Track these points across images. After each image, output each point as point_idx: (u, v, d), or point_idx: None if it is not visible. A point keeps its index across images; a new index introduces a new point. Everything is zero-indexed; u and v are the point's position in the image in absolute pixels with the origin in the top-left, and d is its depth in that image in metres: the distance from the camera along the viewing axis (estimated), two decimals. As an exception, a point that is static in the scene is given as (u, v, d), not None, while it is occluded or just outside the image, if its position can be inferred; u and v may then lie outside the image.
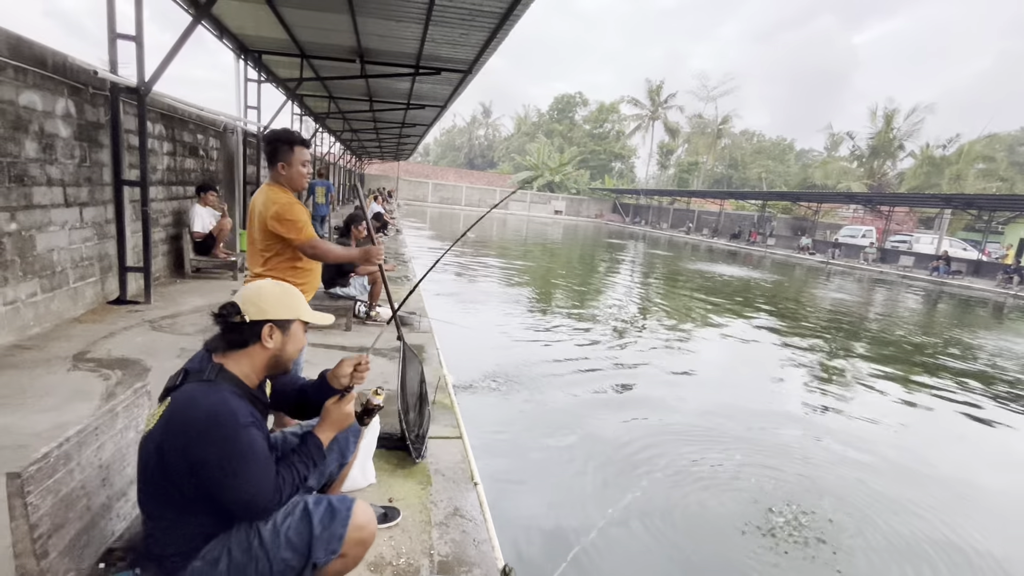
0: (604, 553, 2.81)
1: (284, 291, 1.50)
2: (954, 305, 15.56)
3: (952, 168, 34.16)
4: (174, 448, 1.27)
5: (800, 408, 5.37)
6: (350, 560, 1.45)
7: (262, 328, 1.41)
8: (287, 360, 1.49)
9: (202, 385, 1.34)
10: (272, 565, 1.36)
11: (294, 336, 1.49)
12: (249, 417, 1.34)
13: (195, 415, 1.28)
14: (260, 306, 1.43)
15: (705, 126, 54.61)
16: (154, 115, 5.92)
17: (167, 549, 1.35)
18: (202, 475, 1.28)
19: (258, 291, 1.46)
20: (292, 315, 1.47)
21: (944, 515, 3.50)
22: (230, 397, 1.33)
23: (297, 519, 1.40)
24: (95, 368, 3.49)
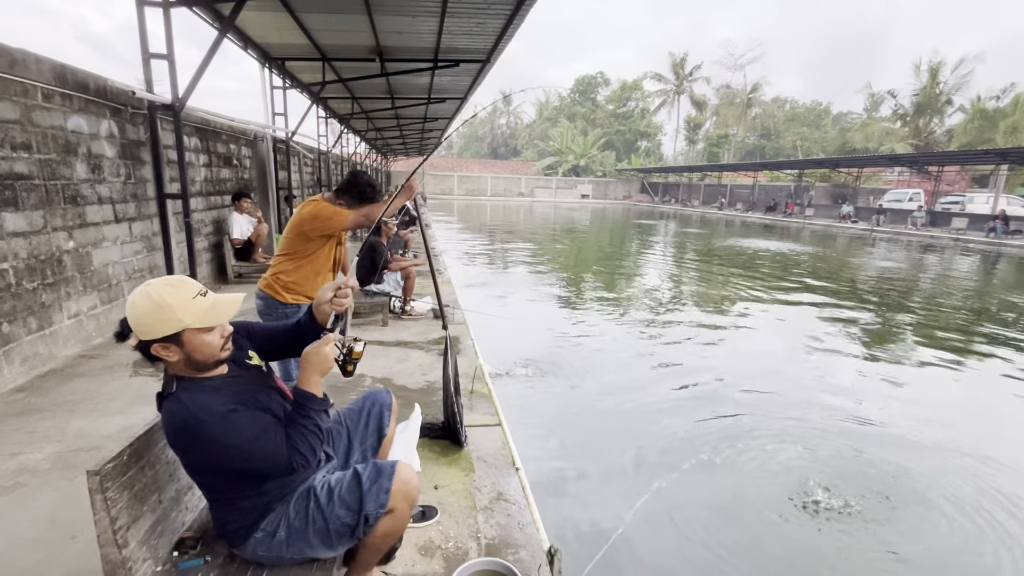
0: (647, 532, 2.82)
1: (156, 306, 1.32)
2: (1016, 266, 14.61)
3: (1007, 120, 31.86)
4: (187, 455, 1.42)
5: (853, 385, 5.19)
6: (398, 516, 1.53)
7: (150, 349, 1.36)
8: (206, 360, 1.40)
9: (168, 402, 1.38)
10: (328, 523, 1.48)
11: (192, 343, 1.36)
12: (226, 405, 1.36)
13: (175, 433, 1.37)
14: (137, 328, 1.34)
15: (734, 96, 52.68)
16: (189, 129, 6.17)
17: (229, 525, 1.50)
18: (222, 466, 1.40)
19: (131, 311, 1.34)
20: (172, 329, 1.33)
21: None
22: (195, 399, 1.35)
23: (348, 479, 1.53)
24: (153, 373, 3.70)
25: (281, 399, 1.56)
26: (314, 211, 2.59)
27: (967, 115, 35.63)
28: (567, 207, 41.90)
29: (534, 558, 2.03)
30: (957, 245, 19.69)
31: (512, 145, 71.64)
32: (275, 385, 1.61)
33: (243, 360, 1.58)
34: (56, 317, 3.80)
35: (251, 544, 1.49)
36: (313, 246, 2.63)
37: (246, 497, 1.48)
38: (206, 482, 1.48)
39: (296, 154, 11.44)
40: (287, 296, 2.66)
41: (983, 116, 33.87)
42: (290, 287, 2.66)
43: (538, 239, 18.47)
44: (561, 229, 23.16)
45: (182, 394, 1.37)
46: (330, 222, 2.57)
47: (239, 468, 1.41)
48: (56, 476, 2.42)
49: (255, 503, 1.49)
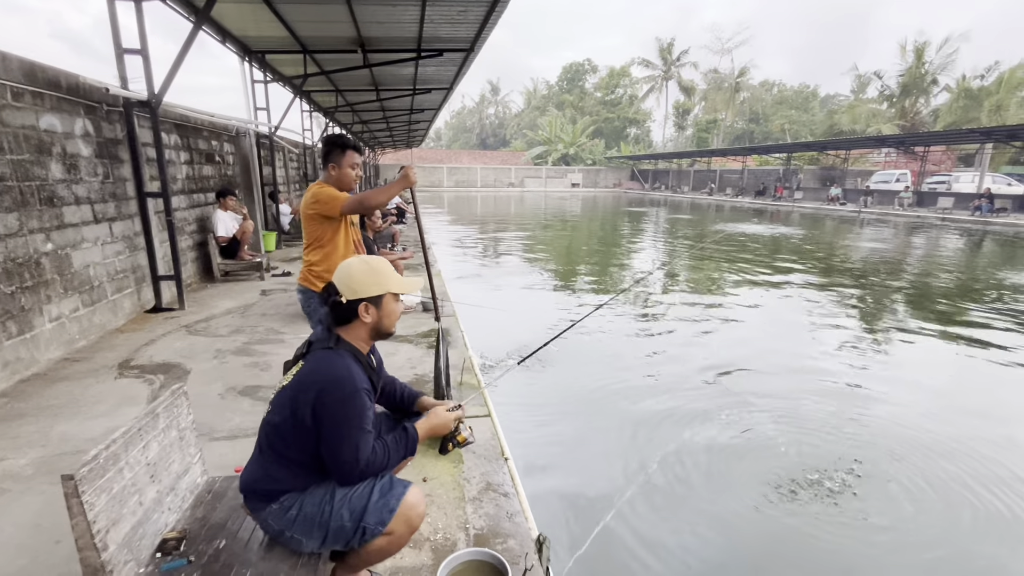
0: (636, 519, 2.84)
1: (371, 268, 1.60)
2: (1001, 244, 14.80)
3: (992, 99, 32.09)
4: (305, 401, 1.47)
5: (840, 365, 5.25)
6: (395, 539, 1.53)
7: (358, 306, 1.56)
8: (386, 329, 1.64)
9: (327, 351, 1.54)
10: (331, 521, 1.49)
11: (387, 308, 1.62)
12: (365, 383, 1.52)
13: (326, 375, 1.48)
14: (351, 287, 1.56)
15: (722, 81, 52.57)
16: (168, 126, 6.06)
17: (261, 484, 1.54)
18: (320, 426, 1.46)
19: (348, 272, 1.58)
20: (381, 290, 1.59)
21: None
22: (351, 363, 1.52)
23: (364, 485, 1.55)
24: (139, 374, 3.67)
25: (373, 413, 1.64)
26: (315, 194, 2.64)
27: (952, 94, 35.83)
28: (558, 196, 41.81)
29: (523, 547, 2.04)
30: (944, 224, 19.91)
31: (501, 135, 71.18)
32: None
33: (377, 359, 1.76)
34: (37, 321, 3.74)
35: (266, 512, 1.53)
36: (328, 230, 2.68)
37: (295, 468, 1.52)
38: (284, 433, 1.50)
39: (280, 149, 11.30)
40: (320, 285, 2.69)
41: (968, 95, 34.08)
42: (323, 276, 2.69)
43: (529, 229, 18.43)
44: (552, 218, 23.12)
45: (343, 351, 1.55)
46: (327, 205, 2.61)
47: (328, 438, 1.46)
48: (40, 481, 2.40)
49: (294, 477, 1.53)
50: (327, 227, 2.67)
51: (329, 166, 2.68)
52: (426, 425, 1.69)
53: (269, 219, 9.81)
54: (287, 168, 11.95)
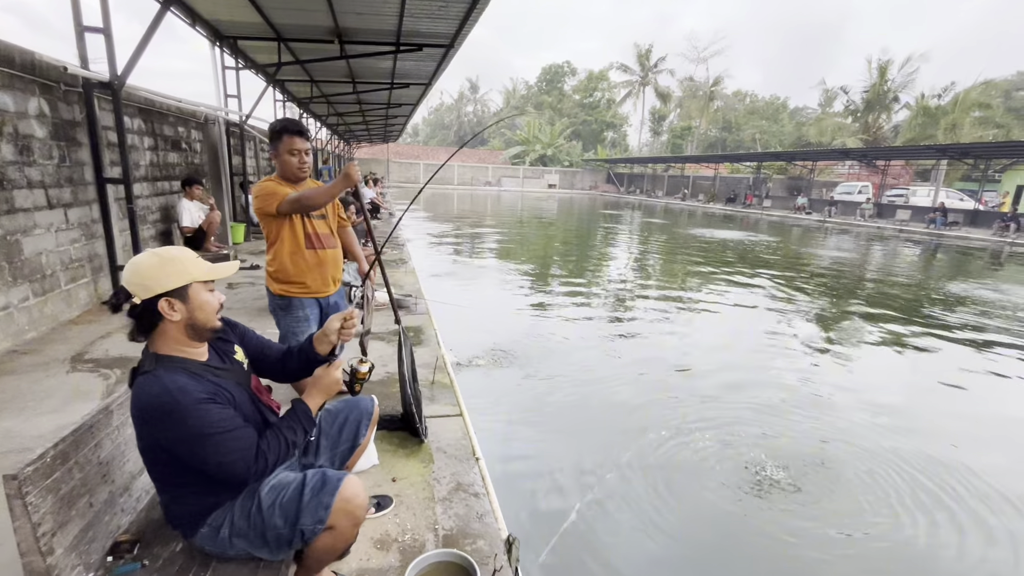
0: (601, 514, 2.87)
1: (163, 259, 1.38)
2: (950, 256, 15.57)
3: (948, 118, 33.69)
4: (149, 437, 1.36)
5: (796, 366, 5.43)
6: (339, 534, 1.46)
7: (157, 304, 1.35)
8: (203, 323, 1.43)
9: (144, 378, 1.36)
10: (266, 532, 1.43)
11: (197, 299, 1.40)
12: (200, 394, 1.34)
13: (148, 406, 1.32)
14: (143, 284, 1.35)
15: (697, 89, 53.69)
16: (132, 110, 5.81)
17: (179, 519, 1.47)
18: (177, 455, 1.36)
19: (135, 269, 1.36)
20: (182, 280, 1.37)
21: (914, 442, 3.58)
22: (175, 379, 1.33)
23: (293, 487, 1.46)
24: (94, 368, 3.50)
25: (253, 404, 1.52)
26: (258, 188, 2.50)
27: (912, 112, 37.44)
28: (534, 196, 41.93)
29: (492, 547, 2.03)
30: (901, 236, 20.81)
31: (480, 133, 70.94)
32: (251, 387, 1.57)
33: (228, 352, 1.57)
34: (-18, 310, 3.53)
35: (199, 537, 1.46)
36: (275, 227, 2.51)
37: (194, 491, 1.44)
38: (158, 469, 1.42)
39: (251, 139, 10.97)
40: (275, 286, 2.58)
41: (926, 113, 35.68)
42: (275, 276, 2.57)
43: (505, 228, 18.42)
44: (529, 218, 23.17)
45: (161, 371, 1.36)
46: (264, 201, 2.44)
47: (195, 460, 1.35)
48: (-19, 480, 2.26)
49: (203, 498, 1.45)
50: (273, 224, 2.50)
51: (271, 153, 2.51)
52: (314, 391, 1.56)
53: (238, 210, 9.52)
54: (258, 158, 11.62)
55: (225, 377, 1.47)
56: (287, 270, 2.53)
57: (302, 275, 2.55)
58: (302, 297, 2.58)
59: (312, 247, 2.55)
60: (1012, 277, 12.18)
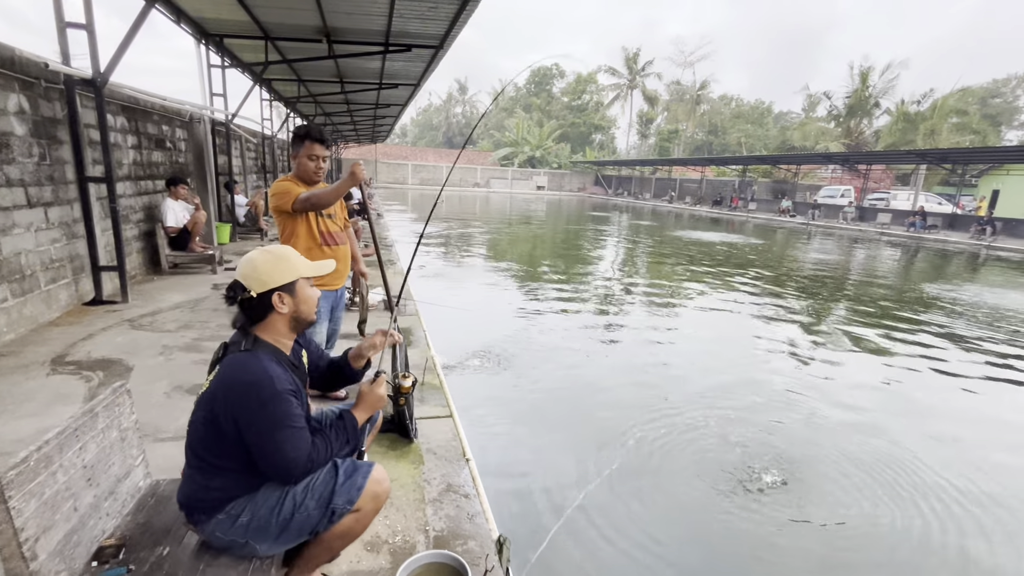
0: (593, 514, 2.89)
1: (276, 256, 1.52)
2: (930, 258, 15.93)
3: (926, 123, 34.48)
4: (224, 410, 1.40)
5: (779, 367, 5.51)
6: (361, 516, 1.53)
7: (271, 298, 1.48)
8: (306, 316, 1.57)
9: (243, 354, 1.44)
10: (295, 513, 1.46)
11: (302, 293, 1.54)
12: (288, 384, 1.43)
13: (240, 381, 1.39)
14: (259, 279, 1.47)
15: (683, 93, 54.25)
16: (114, 107, 5.71)
17: (199, 500, 1.47)
18: (244, 434, 1.40)
19: (252, 265, 1.49)
20: (292, 276, 1.51)
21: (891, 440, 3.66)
22: (269, 364, 1.43)
23: (326, 471, 1.53)
24: (75, 371, 3.43)
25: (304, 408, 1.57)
26: (274, 187, 2.68)
27: (892, 117, 38.26)
28: (523, 198, 41.99)
29: (483, 548, 2.03)
30: (882, 239, 21.23)
31: (468, 134, 70.82)
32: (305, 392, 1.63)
33: (298, 355, 1.67)
34: (-42, 311, 3.44)
35: (211, 524, 1.46)
36: (289, 224, 2.68)
37: (232, 475, 1.46)
38: (210, 445, 1.44)
39: (237, 138, 10.85)
40: None
41: (906, 119, 36.47)
42: None
43: (494, 230, 18.42)
44: (518, 220, 23.19)
45: (260, 352, 1.45)
46: (280, 199, 2.63)
47: (259, 445, 1.40)
48: (-42, 486, 2.20)
49: (236, 483, 1.47)
50: (288, 221, 2.68)
51: (292, 156, 2.74)
52: (361, 407, 1.68)
53: (224, 210, 9.40)
54: (244, 158, 11.49)
55: (299, 376, 1.57)
56: None
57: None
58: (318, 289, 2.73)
59: (327, 244, 2.74)
60: (991, 280, 12.49)
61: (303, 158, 2.65)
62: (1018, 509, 3.19)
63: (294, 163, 2.70)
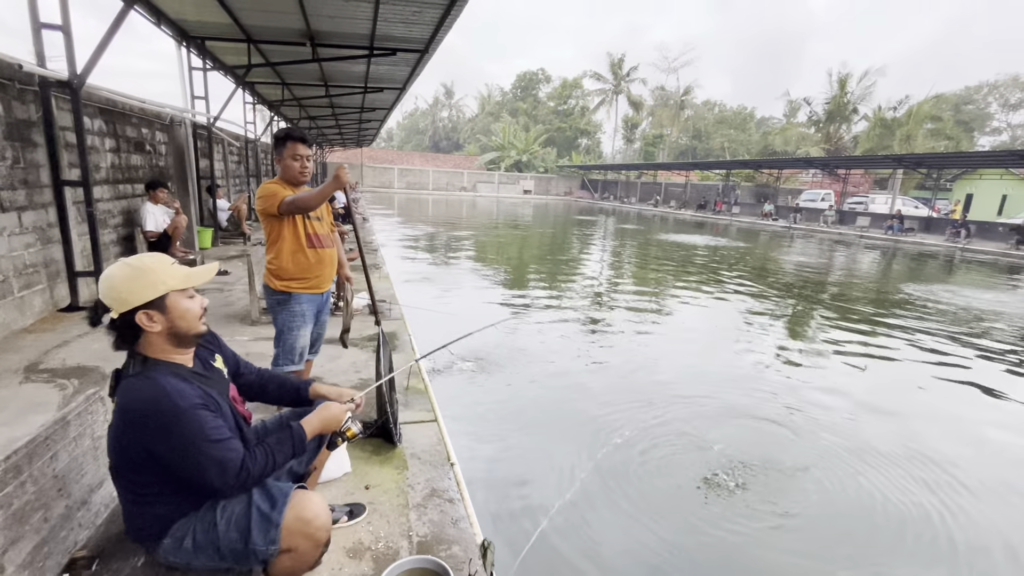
0: (576, 518, 2.89)
1: (136, 271, 1.35)
2: (907, 260, 16.30)
3: (903, 129, 35.38)
4: (131, 440, 1.32)
5: (762, 367, 5.59)
6: (299, 556, 1.41)
7: (134, 317, 1.34)
8: (185, 331, 1.40)
9: (134, 378, 1.34)
10: (223, 546, 1.39)
11: (176, 308, 1.38)
12: (195, 398, 1.33)
13: (136, 409, 1.30)
14: (118, 297, 1.33)
15: (668, 98, 54.89)
16: (92, 110, 5.61)
17: (141, 528, 1.41)
18: (160, 460, 1.32)
19: (109, 282, 1.34)
20: (157, 291, 1.35)
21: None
22: (168, 382, 1.32)
23: (242, 505, 1.42)
24: (50, 378, 3.35)
25: (232, 414, 1.49)
26: (260, 190, 2.66)
27: (870, 123, 39.18)
28: (510, 202, 42.05)
29: (467, 553, 2.03)
30: (861, 241, 21.67)
31: (454, 139, 70.80)
32: (230, 397, 1.55)
33: (209, 361, 1.57)
34: (-75, 319, 3.34)
35: (162, 549, 1.41)
36: (276, 227, 2.66)
37: (164, 500, 1.39)
38: (131, 475, 1.37)
39: (220, 141, 10.71)
40: (276, 283, 2.69)
41: (883, 125, 37.39)
42: (277, 273, 2.69)
43: (481, 234, 18.41)
44: (504, 224, 23.22)
45: (153, 373, 1.33)
46: (266, 202, 2.60)
47: (181, 466, 1.32)
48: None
49: (171, 508, 1.40)
50: (274, 223, 2.66)
51: (276, 159, 2.70)
52: (315, 420, 1.59)
53: (205, 214, 9.26)
54: (227, 161, 11.34)
55: (210, 385, 1.45)
56: (289, 268, 2.67)
57: (304, 272, 2.68)
58: (301, 293, 2.70)
59: (313, 246, 2.69)
60: (968, 281, 12.82)
61: (287, 159, 2.63)
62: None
63: (278, 166, 2.68)
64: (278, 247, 2.66)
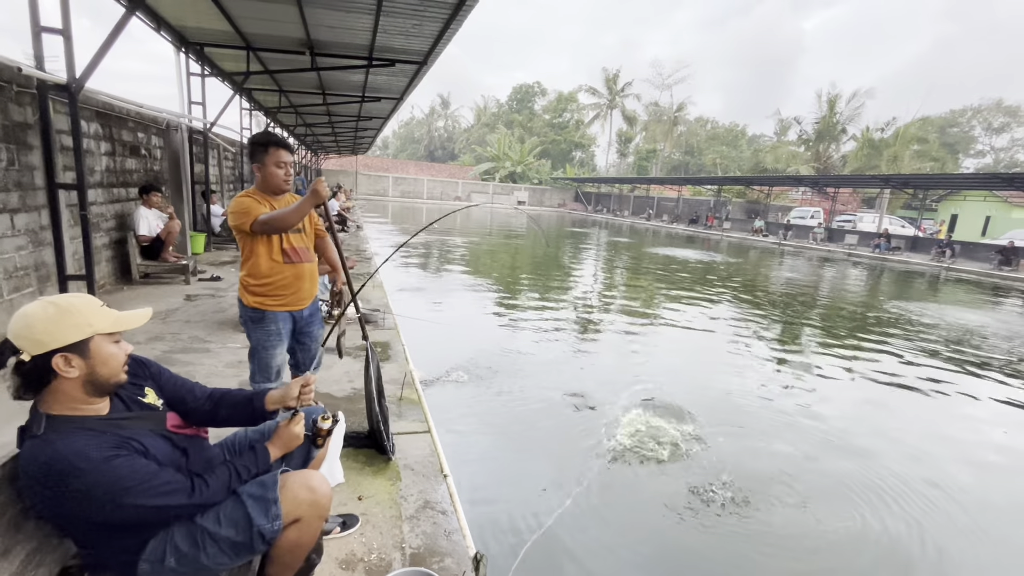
0: (569, 529, 2.90)
1: (60, 311, 1.23)
2: (894, 278, 16.57)
3: (890, 150, 36.10)
4: (51, 511, 1.27)
5: (750, 384, 5.64)
6: (304, 526, 1.44)
7: (50, 361, 1.21)
8: (105, 379, 1.29)
9: (33, 443, 1.22)
10: (220, 545, 1.38)
11: (100, 353, 1.26)
12: (97, 452, 1.22)
13: (36, 478, 1.21)
14: (35, 338, 1.19)
15: (661, 114, 55.65)
16: (89, 113, 5.60)
17: (107, 568, 1.38)
18: (86, 518, 1.26)
19: (26, 321, 1.20)
20: (82, 334, 1.23)
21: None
22: (63, 447, 1.20)
23: (231, 500, 1.42)
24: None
25: (172, 445, 1.43)
26: (233, 204, 2.45)
27: (858, 143, 39.96)
28: (504, 213, 42.24)
29: (460, 565, 2.03)
30: (849, 259, 22.01)
31: (449, 148, 71.17)
32: (166, 430, 1.46)
33: (134, 398, 1.44)
34: (-88, 320, 3.29)
35: (140, 574, 1.37)
36: (249, 241, 2.46)
37: (117, 537, 1.35)
38: (68, 529, 1.33)
39: (215, 147, 10.71)
40: (249, 298, 2.50)
41: (870, 145, 38.15)
42: (249, 288, 2.50)
43: (475, 244, 18.46)
44: (499, 234, 23.30)
45: (52, 435, 1.21)
46: (239, 219, 2.39)
47: (112, 520, 1.28)
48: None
49: (128, 542, 1.36)
50: (247, 240, 2.46)
51: (254, 167, 2.47)
52: (278, 443, 1.58)
53: (199, 219, 9.23)
54: (222, 167, 11.33)
55: (131, 426, 1.35)
56: (263, 284, 2.47)
57: (279, 289, 2.50)
58: (276, 311, 2.51)
59: (290, 261, 2.50)
60: (953, 299, 13.05)
61: (271, 167, 2.43)
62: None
63: (257, 174, 2.46)
64: (252, 263, 2.48)
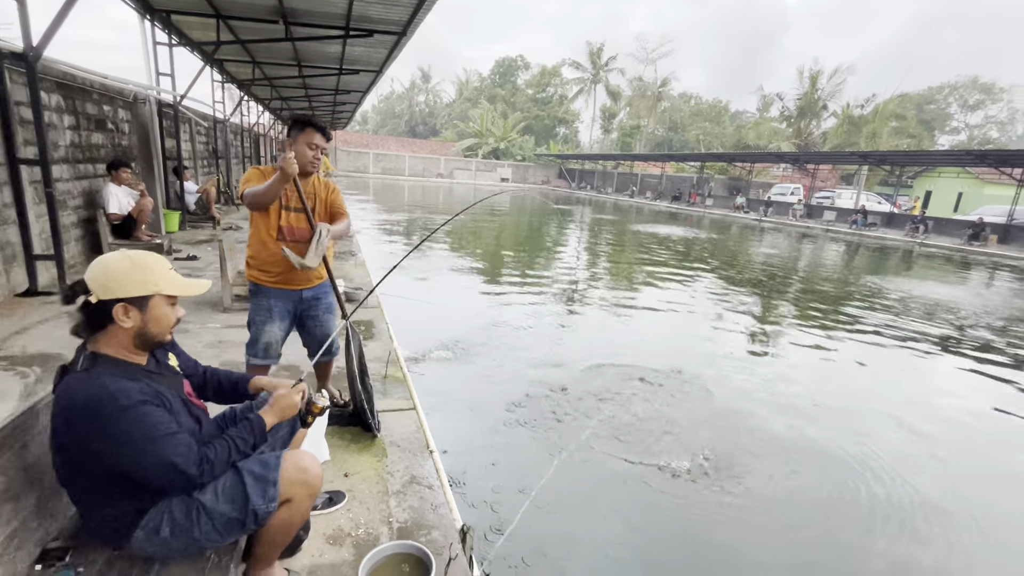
0: (554, 502, 2.97)
1: (134, 264, 1.33)
2: (869, 254, 16.96)
3: (869, 126, 36.52)
4: (73, 440, 1.29)
5: (727, 357, 5.78)
6: (295, 506, 1.47)
7: (112, 308, 1.31)
8: (155, 337, 1.39)
9: (77, 376, 1.30)
10: (214, 521, 1.40)
11: (155, 312, 1.36)
12: (138, 395, 1.28)
13: (76, 407, 1.26)
14: (106, 284, 1.29)
15: (645, 89, 55.19)
16: (49, 84, 5.32)
17: (107, 528, 1.39)
18: (106, 461, 1.30)
19: (103, 267, 1.31)
20: (147, 291, 1.34)
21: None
22: (108, 382, 1.27)
23: (231, 476, 1.44)
24: (9, 366, 3.22)
25: (187, 410, 1.48)
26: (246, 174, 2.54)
27: (838, 120, 40.31)
28: (487, 190, 41.81)
29: (447, 538, 2.06)
30: (827, 235, 22.42)
31: (431, 124, 69.72)
32: (185, 395, 1.52)
33: (162, 358, 1.55)
34: None
35: (135, 541, 1.39)
36: (253, 214, 2.53)
37: (125, 497, 1.37)
38: (80, 480, 1.35)
39: (187, 120, 10.32)
40: (248, 271, 2.61)
41: (850, 121, 38.51)
42: (249, 261, 2.59)
43: (459, 221, 18.29)
44: (483, 212, 23.10)
45: (99, 371, 1.30)
46: (241, 187, 2.49)
47: (133, 465, 1.29)
48: None
49: (135, 503, 1.38)
50: (251, 211, 2.53)
51: (288, 142, 2.48)
52: (273, 410, 1.57)
53: (172, 197, 8.94)
54: (194, 142, 10.94)
55: (162, 383, 1.43)
56: (256, 257, 2.55)
57: (270, 265, 2.52)
58: (269, 287, 2.56)
59: (283, 238, 2.50)
60: (926, 275, 13.44)
61: (302, 144, 2.44)
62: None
63: (288, 149, 2.44)
64: (251, 234, 2.56)
